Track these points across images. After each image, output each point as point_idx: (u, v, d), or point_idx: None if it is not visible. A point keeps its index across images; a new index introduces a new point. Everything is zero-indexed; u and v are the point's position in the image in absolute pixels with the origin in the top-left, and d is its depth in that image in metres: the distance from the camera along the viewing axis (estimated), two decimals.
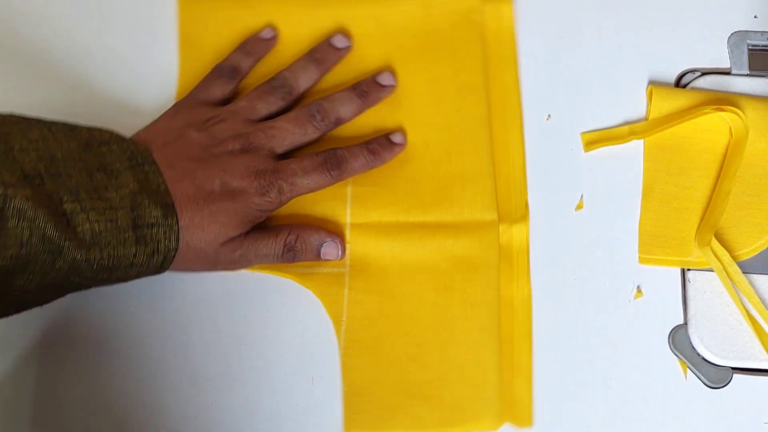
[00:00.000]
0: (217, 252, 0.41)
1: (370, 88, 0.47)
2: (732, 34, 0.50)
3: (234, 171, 0.41)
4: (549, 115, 0.49)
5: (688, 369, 0.44)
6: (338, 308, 0.44)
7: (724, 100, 0.47)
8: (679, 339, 0.45)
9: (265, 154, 0.43)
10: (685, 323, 0.45)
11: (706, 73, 0.49)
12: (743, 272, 0.45)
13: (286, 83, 0.46)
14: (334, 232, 0.45)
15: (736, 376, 0.44)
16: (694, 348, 0.44)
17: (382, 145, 0.46)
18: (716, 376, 0.44)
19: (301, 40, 0.49)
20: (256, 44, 0.48)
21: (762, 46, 0.50)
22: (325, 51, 0.48)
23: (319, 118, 0.45)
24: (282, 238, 0.43)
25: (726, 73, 0.49)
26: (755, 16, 0.50)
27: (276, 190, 0.42)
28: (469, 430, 0.42)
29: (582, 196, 0.47)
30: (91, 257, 0.37)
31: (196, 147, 0.42)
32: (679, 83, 0.49)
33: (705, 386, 0.44)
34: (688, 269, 0.46)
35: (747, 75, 0.49)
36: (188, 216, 0.40)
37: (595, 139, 0.48)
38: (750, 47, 0.50)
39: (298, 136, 0.44)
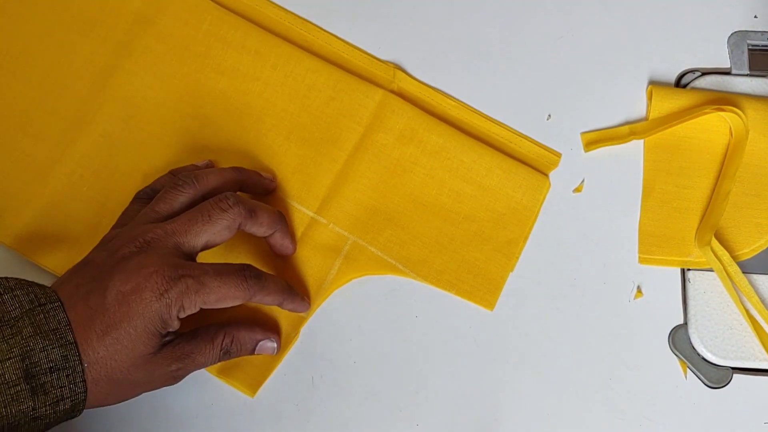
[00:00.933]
0: (147, 372, 0.38)
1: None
2: (732, 34, 0.50)
3: (126, 274, 0.37)
4: (549, 115, 0.49)
5: (688, 369, 0.44)
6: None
7: (724, 100, 0.47)
8: (679, 339, 0.45)
9: (168, 252, 0.38)
10: (685, 323, 0.45)
11: (706, 73, 0.49)
12: (743, 272, 0.45)
13: (190, 178, 0.42)
14: (269, 328, 0.43)
15: (736, 376, 0.44)
16: (694, 348, 0.44)
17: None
18: (716, 376, 0.44)
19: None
20: (188, 170, 0.44)
21: (762, 46, 0.50)
22: (249, 173, 0.45)
23: (231, 202, 0.40)
24: (218, 343, 0.40)
25: (726, 73, 0.49)
26: (755, 16, 0.50)
27: (180, 288, 0.37)
28: (473, 300, 0.46)
29: (583, 181, 0.47)
30: None
31: (95, 268, 0.38)
32: (680, 83, 0.49)
33: (705, 386, 0.44)
34: (688, 269, 0.46)
35: (747, 75, 0.49)
36: (92, 349, 0.36)
37: (595, 139, 0.48)
38: (750, 47, 0.50)
39: (205, 225, 0.39)
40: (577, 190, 0.47)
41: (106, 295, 0.37)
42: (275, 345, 0.43)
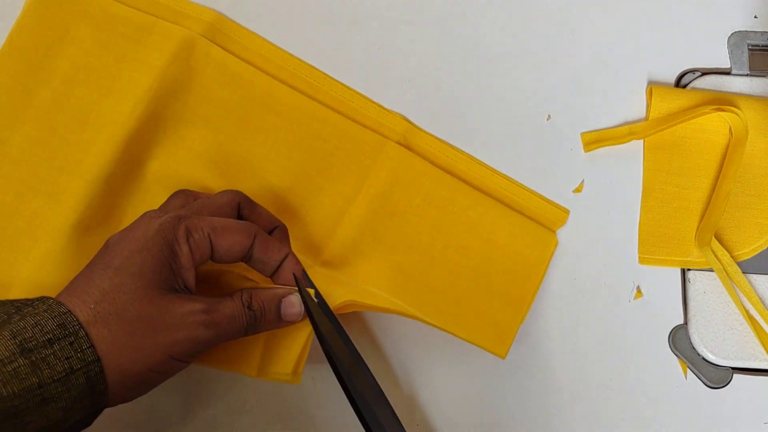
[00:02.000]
0: (165, 310, 0.35)
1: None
2: (732, 34, 0.50)
3: (126, 228, 0.37)
4: (549, 116, 0.49)
5: (688, 369, 0.44)
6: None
7: (723, 100, 0.47)
8: (680, 339, 0.45)
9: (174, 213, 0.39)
10: (686, 323, 0.45)
11: (706, 73, 0.49)
12: (743, 272, 0.45)
13: (180, 190, 0.43)
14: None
15: (736, 376, 0.44)
16: (694, 348, 0.44)
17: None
18: (716, 376, 0.44)
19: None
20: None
21: (762, 46, 0.50)
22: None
23: (229, 189, 0.42)
24: (237, 297, 0.38)
25: (726, 73, 0.49)
26: (755, 16, 0.50)
27: (179, 213, 0.38)
28: (485, 347, 0.43)
29: (582, 181, 0.47)
30: None
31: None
32: (679, 83, 0.49)
33: (705, 386, 0.44)
34: (688, 269, 0.46)
35: (747, 75, 0.49)
36: (96, 286, 0.34)
37: (595, 139, 0.48)
38: (750, 47, 0.50)
39: (205, 203, 0.40)
40: (577, 190, 0.47)
41: (108, 244, 0.37)
42: (300, 308, 0.40)
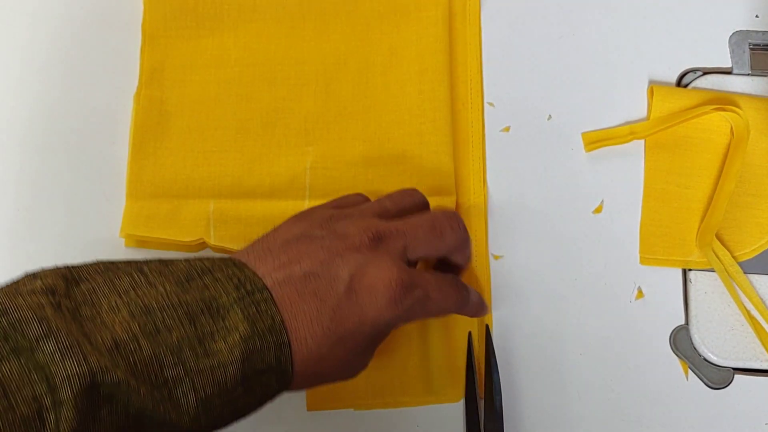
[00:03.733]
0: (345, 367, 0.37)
1: None
2: (733, 33, 0.50)
3: (361, 267, 0.35)
4: (549, 115, 0.49)
5: (689, 369, 0.44)
6: None
7: (725, 99, 0.47)
8: (681, 339, 0.45)
9: (398, 254, 0.37)
10: (687, 324, 0.45)
11: (707, 72, 0.49)
12: (744, 272, 0.45)
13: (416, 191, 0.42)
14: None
15: (738, 377, 0.44)
16: (695, 348, 0.44)
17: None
18: (717, 376, 0.44)
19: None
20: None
21: (763, 45, 0.50)
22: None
23: (461, 225, 0.40)
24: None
25: (727, 72, 0.49)
26: (756, 16, 0.50)
27: (411, 300, 0.36)
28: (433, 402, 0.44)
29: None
30: (194, 428, 0.32)
31: (317, 248, 0.36)
32: (681, 83, 0.49)
33: (706, 387, 0.44)
34: (690, 269, 0.46)
35: (748, 74, 0.49)
36: (309, 343, 0.34)
37: (595, 139, 0.48)
38: (751, 47, 0.49)
39: (434, 239, 0.39)
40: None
41: (336, 285, 0.35)
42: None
